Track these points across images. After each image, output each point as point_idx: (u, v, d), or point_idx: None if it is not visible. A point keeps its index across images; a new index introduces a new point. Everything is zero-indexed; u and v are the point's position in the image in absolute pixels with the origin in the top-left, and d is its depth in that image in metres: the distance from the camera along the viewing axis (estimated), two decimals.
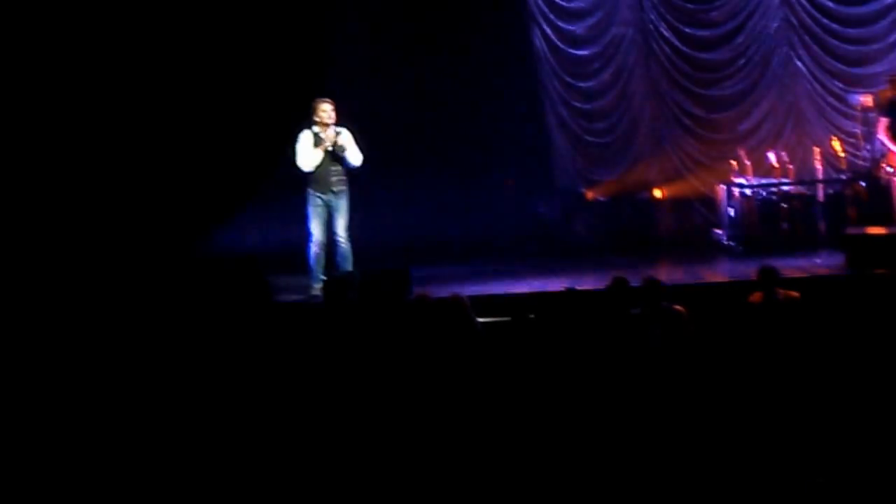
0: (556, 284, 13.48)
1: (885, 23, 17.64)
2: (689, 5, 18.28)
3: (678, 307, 10.95)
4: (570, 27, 18.69)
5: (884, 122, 14.35)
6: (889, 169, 14.61)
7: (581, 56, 18.77)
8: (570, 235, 18.58)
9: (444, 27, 18.00)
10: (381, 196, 16.58)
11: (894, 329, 9.73)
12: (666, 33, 18.40)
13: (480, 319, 10.39)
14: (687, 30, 18.36)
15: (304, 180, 13.74)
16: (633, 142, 18.70)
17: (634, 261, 16.01)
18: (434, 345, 9.60)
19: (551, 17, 18.63)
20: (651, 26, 18.45)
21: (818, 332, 10.32)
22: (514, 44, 18.57)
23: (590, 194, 18.64)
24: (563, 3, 18.61)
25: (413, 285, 13.38)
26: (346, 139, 13.70)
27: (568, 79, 18.80)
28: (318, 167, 13.65)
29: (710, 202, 18.03)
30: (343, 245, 13.85)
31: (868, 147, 16.77)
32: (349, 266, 13.87)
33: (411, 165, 17.98)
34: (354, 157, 13.69)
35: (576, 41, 18.76)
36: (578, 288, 11.86)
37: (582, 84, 18.82)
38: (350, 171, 13.73)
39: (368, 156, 13.71)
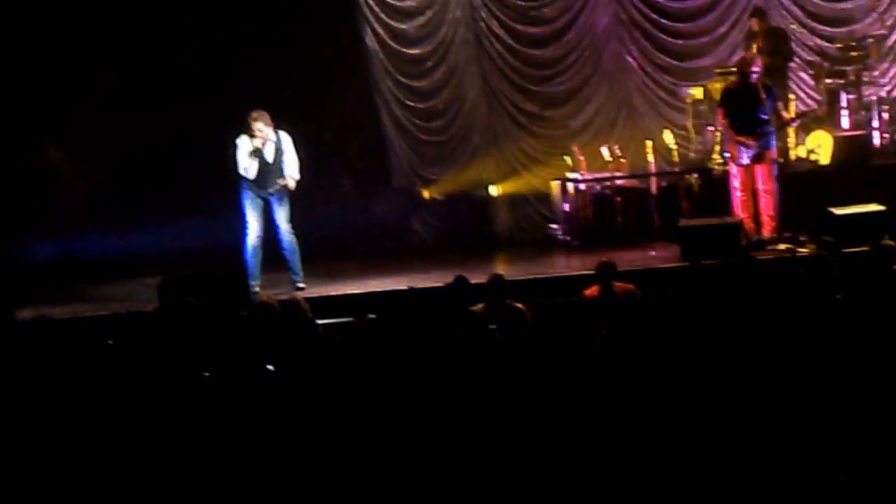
0: (395, 284, 13.48)
1: (711, 17, 17.91)
2: (520, 2, 18.32)
3: (519, 304, 11.02)
4: (402, 26, 18.63)
5: (721, 111, 14.58)
6: (727, 154, 14.76)
7: (413, 55, 18.73)
8: (408, 234, 18.59)
9: (275, 26, 17.81)
10: (217, 196, 16.36)
11: (727, 318, 9.88)
12: (498, 31, 18.43)
13: (320, 321, 10.33)
14: (518, 27, 18.42)
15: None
16: (468, 140, 18.72)
17: (472, 258, 16.07)
18: (274, 347, 9.51)
19: (382, 16, 18.51)
20: (483, 24, 18.47)
21: (655, 323, 10.45)
22: (346, 43, 18.43)
23: (426, 193, 18.63)
24: (394, 2, 18.51)
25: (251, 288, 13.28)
26: (286, 144, 13.83)
27: (401, 78, 18.73)
28: (257, 174, 13.66)
29: (545, 198, 18.12)
30: (289, 237, 13.80)
31: (699, 139, 17.05)
32: (297, 259, 13.79)
33: None
34: (290, 163, 13.83)
35: (407, 40, 18.72)
36: (418, 287, 11.87)
37: (415, 83, 18.77)
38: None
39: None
